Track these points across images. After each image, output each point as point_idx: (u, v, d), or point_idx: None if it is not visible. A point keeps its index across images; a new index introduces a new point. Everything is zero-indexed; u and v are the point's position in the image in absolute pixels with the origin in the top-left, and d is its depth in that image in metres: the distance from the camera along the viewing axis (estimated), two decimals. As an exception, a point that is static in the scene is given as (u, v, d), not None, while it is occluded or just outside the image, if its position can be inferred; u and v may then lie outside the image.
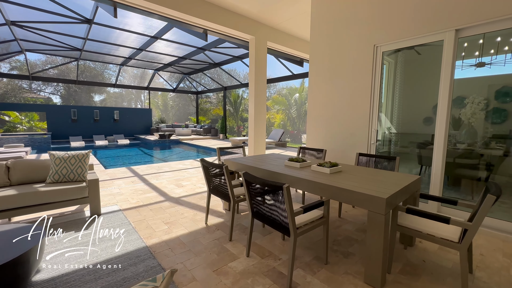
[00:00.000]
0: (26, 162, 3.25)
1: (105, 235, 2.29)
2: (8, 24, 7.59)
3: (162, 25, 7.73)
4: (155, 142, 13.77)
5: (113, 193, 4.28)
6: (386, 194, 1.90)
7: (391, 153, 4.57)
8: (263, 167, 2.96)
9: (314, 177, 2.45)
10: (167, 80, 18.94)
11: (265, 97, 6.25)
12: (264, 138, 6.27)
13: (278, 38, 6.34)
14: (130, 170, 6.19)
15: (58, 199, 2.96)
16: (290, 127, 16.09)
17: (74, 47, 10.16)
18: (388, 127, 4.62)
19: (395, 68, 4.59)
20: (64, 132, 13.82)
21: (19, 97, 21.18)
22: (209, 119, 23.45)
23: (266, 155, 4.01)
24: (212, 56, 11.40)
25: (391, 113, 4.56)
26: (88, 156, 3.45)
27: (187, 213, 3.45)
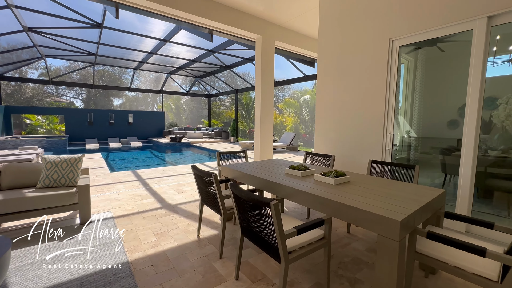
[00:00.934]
0: (18, 166, 3.15)
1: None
2: (25, 31, 7.87)
3: (170, 28, 7.68)
4: (166, 144, 13.84)
5: (111, 198, 4.14)
6: (401, 215, 1.53)
7: (410, 160, 4.10)
8: (261, 175, 2.65)
9: (315, 188, 2.11)
10: (180, 84, 19.16)
11: (272, 99, 5.95)
12: (270, 142, 5.95)
13: (286, 37, 6.03)
14: (134, 173, 6.09)
15: (44, 205, 2.82)
16: (302, 130, 15.63)
17: (89, 52, 10.43)
18: (408, 131, 4.16)
19: (415, 67, 4.14)
20: (80, 134, 14.25)
21: (43, 101, 22.32)
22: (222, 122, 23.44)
23: (268, 161, 3.70)
24: (223, 59, 11.29)
25: (411, 115, 4.10)
26: (80, 161, 3.31)
27: (180, 222, 3.21)
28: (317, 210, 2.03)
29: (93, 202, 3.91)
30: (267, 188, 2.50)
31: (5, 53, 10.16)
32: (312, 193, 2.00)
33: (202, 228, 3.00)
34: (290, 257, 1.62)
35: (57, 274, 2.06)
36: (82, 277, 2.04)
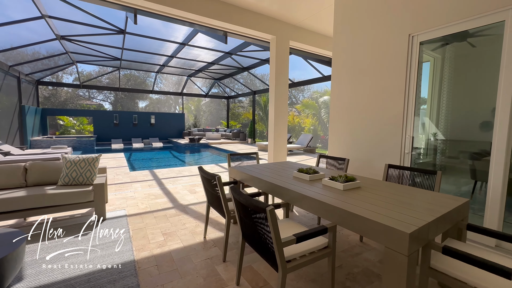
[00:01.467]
0: (42, 165, 3.37)
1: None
2: (58, 39, 8.50)
3: (189, 31, 7.88)
4: (185, 145, 14.21)
5: (127, 197, 4.29)
6: (411, 226, 1.39)
7: (436, 165, 3.79)
8: (267, 178, 2.58)
9: (322, 194, 2.00)
10: (200, 86, 19.62)
11: (287, 100, 5.84)
12: (284, 144, 5.84)
13: (301, 36, 5.90)
14: (152, 173, 6.29)
15: (62, 202, 2.98)
16: (321, 132, 15.24)
17: (114, 57, 11.03)
18: (434, 133, 3.85)
19: (443, 64, 3.82)
20: (107, 135, 15.09)
21: (76, 103, 23.99)
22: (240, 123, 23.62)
23: (279, 163, 3.61)
24: (240, 60, 11.36)
25: (437, 116, 3.80)
26: (97, 160, 3.47)
27: (189, 223, 3.23)
28: (322, 217, 1.92)
29: (110, 200, 4.08)
30: (273, 192, 2.43)
31: (43, 59, 11.04)
32: (317, 198, 1.89)
33: (209, 230, 3.00)
34: (289, 266, 1.53)
35: (69, 270, 2.15)
36: (90, 273, 2.11)
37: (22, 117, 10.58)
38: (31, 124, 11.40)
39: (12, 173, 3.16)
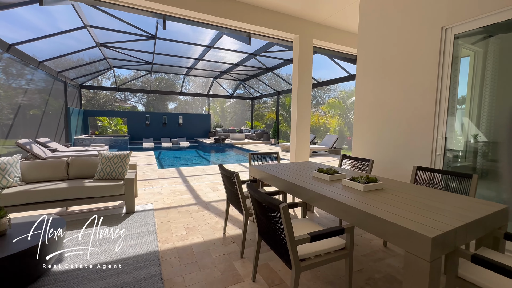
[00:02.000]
0: (82, 160, 3.73)
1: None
2: (98, 46, 9.29)
3: (214, 34, 8.13)
4: (210, 145, 14.63)
5: (154, 192, 4.55)
6: (435, 231, 1.30)
7: (477, 169, 3.46)
8: (286, 177, 2.58)
9: (340, 194, 1.95)
10: (226, 87, 20.07)
11: (310, 100, 5.75)
12: (307, 144, 5.75)
13: (326, 34, 5.77)
14: (178, 171, 6.59)
15: (97, 194, 3.26)
16: (347, 133, 14.70)
17: (146, 61, 11.75)
18: (475, 134, 3.53)
19: (485, 59, 3.49)
20: (139, 134, 16.11)
21: (113, 105, 25.96)
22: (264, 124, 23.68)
23: (299, 163, 3.58)
24: (264, 61, 11.42)
25: (478, 116, 3.48)
26: (128, 157, 3.74)
27: (210, 219, 3.34)
28: (339, 217, 1.88)
29: (140, 195, 4.36)
30: (291, 191, 2.42)
31: (85, 65, 12.15)
32: (335, 198, 1.85)
33: (229, 227, 3.07)
34: (303, 264, 1.52)
35: (101, 255, 2.36)
36: (119, 260, 2.29)
37: (67, 118, 11.73)
38: (74, 124, 12.60)
39: (57, 167, 3.54)
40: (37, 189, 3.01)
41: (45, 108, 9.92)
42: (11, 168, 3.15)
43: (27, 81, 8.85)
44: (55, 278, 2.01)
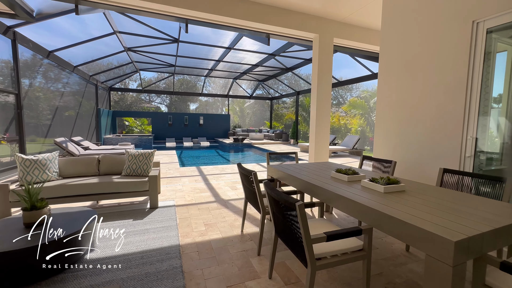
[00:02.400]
0: (111, 157, 3.99)
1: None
2: (126, 50, 9.85)
3: (234, 36, 8.27)
4: (229, 145, 14.87)
5: (176, 189, 4.75)
6: (459, 235, 1.25)
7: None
8: (303, 177, 2.58)
9: (359, 195, 1.92)
10: (245, 88, 20.27)
11: (330, 100, 5.65)
12: (326, 145, 5.66)
13: (347, 32, 5.64)
14: (198, 169, 6.80)
15: (124, 189, 3.48)
16: (370, 133, 14.19)
17: (169, 64, 12.23)
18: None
19: (525, 53, 3.24)
20: (163, 134, 16.79)
21: (138, 106, 27.30)
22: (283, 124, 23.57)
23: (318, 163, 3.55)
24: (283, 61, 11.39)
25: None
26: (152, 155, 3.94)
27: (229, 217, 3.42)
28: (357, 218, 1.85)
29: (162, 191, 4.57)
30: (308, 191, 2.42)
31: (114, 69, 12.93)
32: (352, 199, 1.83)
33: (247, 225, 3.13)
34: (319, 263, 1.53)
35: (127, 246, 2.53)
36: (143, 251, 2.43)
37: (98, 118, 12.55)
38: (104, 124, 13.44)
39: (89, 163, 3.83)
40: (72, 183, 3.28)
41: (78, 109, 10.70)
42: (50, 164, 3.47)
43: (63, 84, 9.62)
44: (88, 264, 2.19)
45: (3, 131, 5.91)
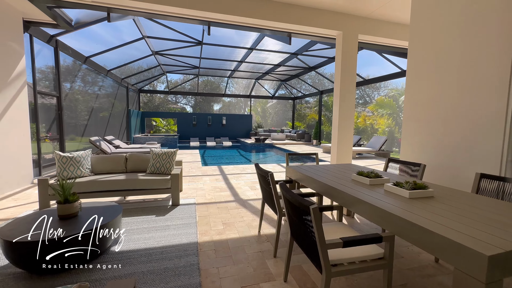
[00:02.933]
0: (137, 155, 4.21)
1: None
2: (153, 54, 10.35)
3: (256, 36, 8.31)
4: (251, 145, 14.95)
5: (197, 188, 4.88)
6: (494, 249, 1.12)
7: None
8: (322, 179, 2.50)
9: (380, 200, 1.82)
10: (267, 88, 20.28)
11: (354, 99, 5.43)
12: (350, 146, 5.45)
13: (372, 28, 5.37)
14: (219, 169, 6.93)
15: (148, 186, 3.65)
16: (398, 134, 13.38)
17: (194, 66, 12.62)
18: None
19: None
20: (187, 134, 17.38)
21: (165, 107, 28.56)
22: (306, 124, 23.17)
23: (339, 165, 3.42)
24: (306, 60, 11.19)
25: None
26: (175, 154, 4.08)
27: (247, 217, 3.44)
28: (379, 225, 1.75)
29: (184, 190, 4.73)
30: (326, 193, 2.34)
31: (143, 72, 13.67)
32: (373, 203, 1.73)
33: (264, 226, 3.11)
34: (334, 270, 1.47)
35: (149, 241, 2.64)
36: (163, 247, 2.53)
37: (128, 119, 13.35)
38: (134, 124, 14.26)
39: (118, 161, 4.08)
40: (102, 180, 3.52)
41: (111, 110, 11.48)
42: (84, 161, 3.75)
43: (98, 87, 10.38)
44: (112, 257, 2.33)
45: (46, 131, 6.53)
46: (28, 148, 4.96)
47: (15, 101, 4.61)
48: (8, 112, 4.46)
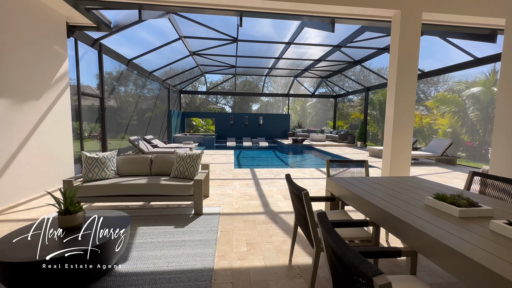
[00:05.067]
0: (162, 157, 3.97)
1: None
2: (191, 55, 10.42)
3: (295, 28, 7.63)
4: (288, 146, 14.23)
5: (225, 194, 4.47)
6: None
7: None
8: (377, 200, 1.79)
9: (492, 253, 1.07)
10: (307, 87, 19.23)
11: (414, 94, 4.40)
12: (408, 151, 4.43)
13: (441, 3, 4.26)
14: (252, 172, 6.46)
15: (168, 193, 3.33)
16: (466, 136, 11.21)
17: (230, 65, 12.45)
18: None
19: None
20: (224, 133, 17.46)
21: (206, 108, 29.51)
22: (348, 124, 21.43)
23: (399, 179, 2.61)
24: (351, 53, 10.05)
25: None
26: (200, 157, 3.72)
27: (276, 236, 2.86)
28: (494, 302, 1.00)
29: (211, 195, 4.36)
30: (385, 224, 1.63)
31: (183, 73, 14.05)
32: (479, 262, 1.00)
33: (297, 251, 2.49)
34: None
35: (159, 261, 2.26)
36: (172, 272, 2.11)
37: (169, 119, 13.87)
38: (174, 124, 14.79)
39: (143, 163, 3.88)
40: (123, 183, 3.32)
41: (153, 111, 11.99)
42: (109, 162, 3.62)
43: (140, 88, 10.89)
44: (112, 281, 1.99)
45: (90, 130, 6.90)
46: (69, 146, 5.18)
47: (58, 101, 4.81)
48: (52, 112, 4.66)
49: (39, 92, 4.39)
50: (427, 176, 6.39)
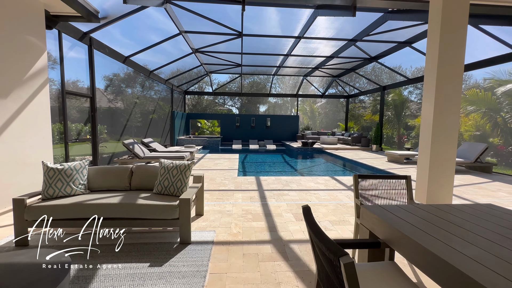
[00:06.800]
0: (145, 168, 3.24)
1: None
2: (194, 52, 9.75)
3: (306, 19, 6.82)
4: (297, 149, 13.36)
5: (224, 211, 3.70)
6: None
7: None
8: (450, 253, 0.96)
9: None
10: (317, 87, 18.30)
11: (460, 89, 3.51)
12: (453, 163, 3.53)
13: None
14: (257, 181, 5.67)
15: (146, 216, 2.58)
16: (497, 139, 10.05)
17: (236, 63, 11.72)
18: None
19: None
20: (230, 136, 16.74)
21: (212, 109, 28.93)
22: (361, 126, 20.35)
23: (476, 207, 1.76)
24: (367, 48, 9.14)
25: None
26: (189, 169, 2.96)
27: (286, 282, 2.05)
28: None
29: (206, 212, 3.60)
30: None
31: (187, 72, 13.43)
32: None
33: (318, 318, 1.68)
34: None
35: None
36: None
37: (172, 120, 13.26)
38: (178, 125, 14.17)
39: (121, 175, 3.16)
40: (88, 203, 2.58)
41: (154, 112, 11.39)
42: (77, 175, 2.91)
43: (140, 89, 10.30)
44: None
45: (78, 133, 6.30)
46: (48, 152, 4.53)
47: (33, 100, 4.18)
48: (24, 113, 4.02)
49: (6, 88, 3.76)
50: (463, 187, 5.43)
